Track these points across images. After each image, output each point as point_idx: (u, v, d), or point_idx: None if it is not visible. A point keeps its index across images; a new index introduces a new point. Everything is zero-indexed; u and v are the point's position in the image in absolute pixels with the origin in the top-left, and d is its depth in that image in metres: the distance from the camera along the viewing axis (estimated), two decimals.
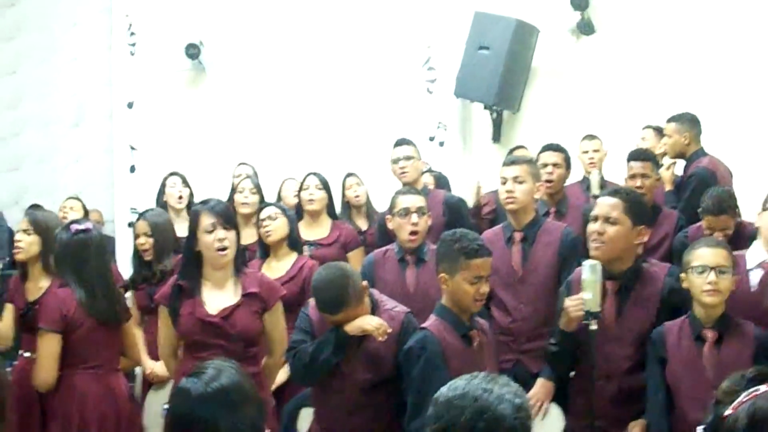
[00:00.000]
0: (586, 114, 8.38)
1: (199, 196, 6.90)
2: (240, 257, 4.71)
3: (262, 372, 4.68)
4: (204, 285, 4.63)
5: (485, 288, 4.24)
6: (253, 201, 6.67)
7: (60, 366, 4.67)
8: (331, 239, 6.40)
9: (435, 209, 6.06)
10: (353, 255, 6.31)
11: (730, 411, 2.42)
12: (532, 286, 5.07)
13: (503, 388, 2.37)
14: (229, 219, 4.61)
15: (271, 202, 6.43)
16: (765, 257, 4.84)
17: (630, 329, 4.39)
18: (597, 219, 4.42)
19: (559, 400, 4.72)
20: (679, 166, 6.87)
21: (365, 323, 4.26)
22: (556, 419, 4.67)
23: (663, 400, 4.21)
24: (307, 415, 4.85)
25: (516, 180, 5.22)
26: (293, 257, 5.85)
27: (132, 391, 5.61)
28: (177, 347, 4.76)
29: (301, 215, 6.54)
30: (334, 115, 9.25)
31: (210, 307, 4.56)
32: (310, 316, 4.47)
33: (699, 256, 4.22)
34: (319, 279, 4.32)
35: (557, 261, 5.09)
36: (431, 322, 4.26)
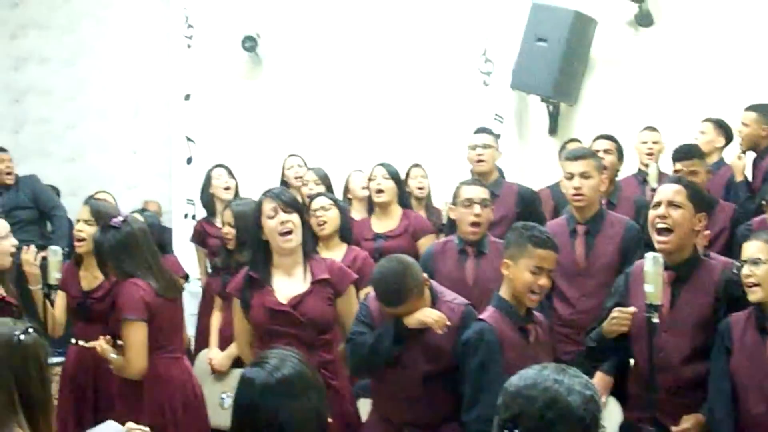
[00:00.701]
0: (643, 107, 8.30)
1: (255, 187, 6.95)
2: (309, 243, 4.71)
3: (337, 359, 4.67)
4: (274, 274, 4.64)
5: (544, 281, 4.23)
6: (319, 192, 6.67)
7: None
8: (401, 230, 6.38)
9: (508, 200, 6.08)
10: (424, 241, 6.28)
11: None
12: (594, 278, 5.08)
13: (573, 379, 2.37)
14: (291, 203, 4.60)
15: (324, 192, 6.42)
16: None
17: (684, 320, 4.35)
18: (660, 204, 4.39)
19: (617, 392, 4.71)
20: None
21: (425, 316, 4.25)
22: (614, 413, 4.66)
23: (727, 390, 4.16)
24: (365, 404, 4.89)
25: (583, 175, 5.22)
26: (344, 248, 5.85)
27: None
28: (252, 337, 4.78)
29: (373, 208, 6.54)
30: (390, 108, 9.24)
31: (280, 296, 4.57)
32: (369, 307, 4.47)
33: (748, 247, 4.20)
34: (380, 272, 4.32)
35: (619, 254, 5.10)
36: (489, 313, 4.27)
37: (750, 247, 4.18)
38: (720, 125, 7.06)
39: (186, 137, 10.11)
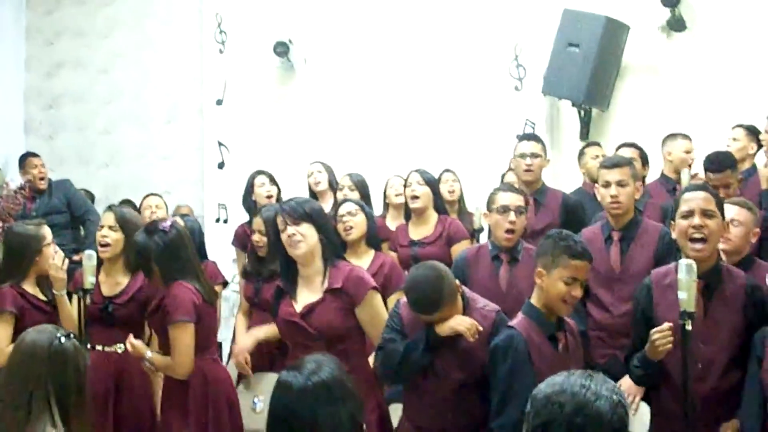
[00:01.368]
0: (675, 112, 8.28)
1: (287, 193, 6.99)
2: (328, 251, 4.65)
3: (356, 369, 4.45)
4: (299, 284, 4.66)
5: (577, 292, 4.22)
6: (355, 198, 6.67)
7: None
8: (435, 236, 6.39)
9: (553, 208, 6.08)
10: (458, 247, 6.27)
11: None
12: (629, 284, 5.07)
13: (601, 384, 2.38)
14: (297, 214, 4.56)
15: (350, 198, 6.43)
16: None
17: (717, 328, 4.32)
18: (692, 213, 4.36)
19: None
20: None
21: (456, 324, 4.25)
22: (644, 417, 4.64)
23: (759, 400, 4.12)
24: (396, 409, 4.90)
25: (620, 184, 5.26)
26: (371, 255, 5.86)
27: None
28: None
29: (410, 214, 6.56)
30: (422, 113, 9.25)
31: (299, 306, 4.59)
32: (401, 314, 4.47)
33: None
34: (414, 279, 4.32)
35: (654, 260, 5.10)
36: (518, 320, 4.26)
37: None
38: (752, 131, 7.04)
39: (218, 142, 10.17)
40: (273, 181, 7.23)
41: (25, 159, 8.83)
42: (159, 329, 4.93)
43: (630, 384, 4.58)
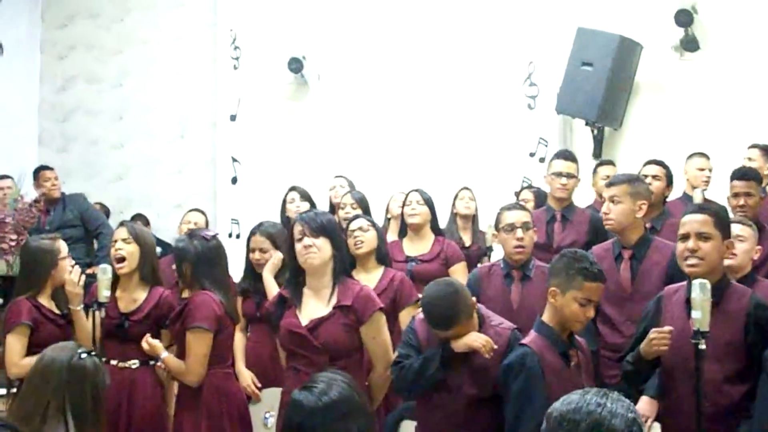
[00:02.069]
0: (689, 132, 8.29)
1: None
2: (339, 267, 4.65)
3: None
4: (305, 294, 4.65)
5: (591, 313, 4.26)
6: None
7: None
8: (433, 254, 6.38)
9: (580, 226, 6.11)
10: (455, 269, 6.28)
11: None
12: (640, 303, 5.01)
13: (616, 402, 2.37)
14: (318, 227, 4.57)
15: (362, 215, 6.43)
16: None
17: (716, 344, 4.27)
18: (688, 237, 4.37)
19: None
20: None
21: (472, 340, 4.27)
22: None
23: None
24: (408, 427, 4.90)
25: (612, 200, 5.27)
26: (380, 270, 5.86)
27: None
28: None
29: (405, 231, 6.57)
30: (436, 130, 9.28)
31: (304, 318, 4.57)
32: (416, 330, 4.49)
33: None
34: (431, 295, 4.33)
35: (665, 279, 5.05)
36: (531, 338, 4.27)
37: None
38: (767, 151, 7.04)
39: (231, 158, 10.20)
40: (304, 197, 7.19)
41: (39, 172, 8.88)
42: (178, 335, 4.97)
43: (643, 404, 4.59)
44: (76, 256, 7.69)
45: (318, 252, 4.53)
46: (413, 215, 6.48)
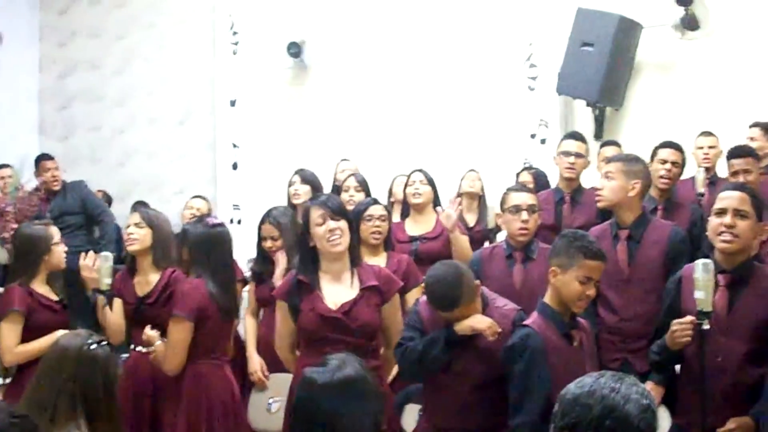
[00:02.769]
0: (690, 111, 8.27)
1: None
2: (356, 249, 4.74)
3: (382, 365, 4.70)
4: (322, 279, 4.65)
5: (592, 291, 4.23)
6: (359, 199, 6.68)
7: (188, 355, 4.78)
8: (437, 232, 6.35)
9: (589, 208, 6.05)
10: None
11: None
12: (639, 285, 5.04)
13: (630, 387, 2.37)
14: (339, 210, 4.62)
15: (378, 200, 6.41)
16: None
17: (742, 323, 4.29)
18: (725, 212, 4.34)
19: (665, 397, 4.68)
20: None
21: (476, 322, 4.25)
22: (663, 422, 4.63)
23: None
24: (412, 410, 4.91)
25: (606, 176, 5.25)
26: (384, 254, 5.88)
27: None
28: (296, 343, 4.82)
29: (407, 212, 6.58)
30: (435, 112, 9.27)
31: (329, 302, 4.58)
32: (420, 312, 4.47)
33: None
34: (434, 276, 4.31)
35: (665, 260, 5.05)
36: (533, 319, 4.25)
37: None
38: None
39: (232, 143, 10.20)
40: (305, 180, 7.10)
41: (40, 162, 8.86)
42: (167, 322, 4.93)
43: (649, 388, 4.58)
44: (76, 243, 7.72)
45: (343, 235, 4.57)
46: (417, 195, 6.49)
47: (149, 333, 4.91)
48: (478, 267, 5.28)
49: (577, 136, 6.67)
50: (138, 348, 5.32)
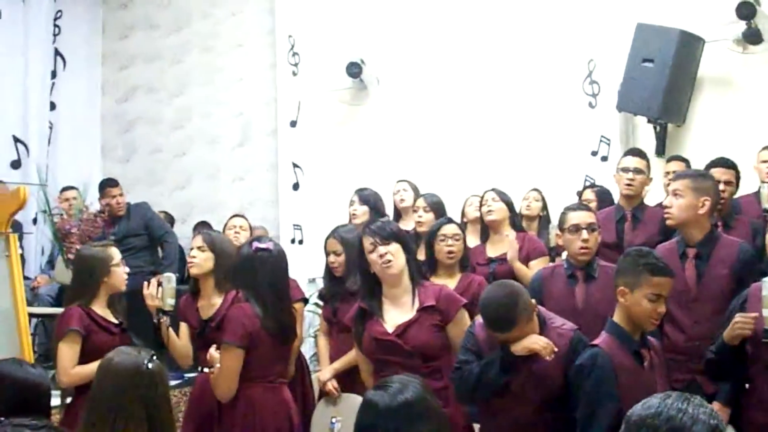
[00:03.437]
0: (753, 126, 8.13)
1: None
2: (414, 270, 4.74)
3: (449, 386, 4.59)
4: (385, 303, 4.70)
5: (662, 308, 4.19)
6: (428, 219, 6.66)
7: (240, 378, 4.75)
8: None
9: (650, 226, 5.99)
10: (535, 264, 6.26)
11: None
12: (707, 304, 4.97)
13: (698, 408, 2.33)
14: (387, 234, 4.66)
15: (448, 218, 6.37)
16: None
17: None
18: None
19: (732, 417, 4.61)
20: None
21: (532, 343, 4.22)
22: None
23: None
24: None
25: (674, 193, 5.17)
26: (459, 275, 5.87)
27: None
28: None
29: (488, 234, 6.55)
30: (496, 131, 9.23)
31: (389, 325, 4.63)
32: (476, 334, 4.45)
33: None
34: (489, 297, 4.30)
35: (733, 278, 4.96)
36: (602, 338, 4.23)
37: None
38: None
39: (292, 163, 10.24)
40: (363, 200, 7.13)
41: (104, 188, 8.97)
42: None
43: (716, 409, 4.51)
44: (140, 264, 7.81)
45: (394, 259, 4.60)
46: (490, 212, 6.50)
47: (213, 354, 4.92)
48: (539, 287, 5.27)
49: (637, 152, 6.59)
50: (204, 369, 5.33)
